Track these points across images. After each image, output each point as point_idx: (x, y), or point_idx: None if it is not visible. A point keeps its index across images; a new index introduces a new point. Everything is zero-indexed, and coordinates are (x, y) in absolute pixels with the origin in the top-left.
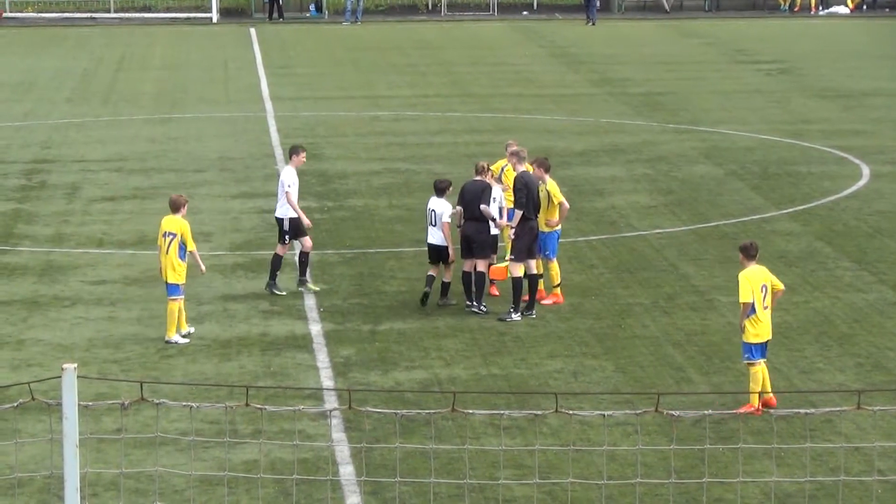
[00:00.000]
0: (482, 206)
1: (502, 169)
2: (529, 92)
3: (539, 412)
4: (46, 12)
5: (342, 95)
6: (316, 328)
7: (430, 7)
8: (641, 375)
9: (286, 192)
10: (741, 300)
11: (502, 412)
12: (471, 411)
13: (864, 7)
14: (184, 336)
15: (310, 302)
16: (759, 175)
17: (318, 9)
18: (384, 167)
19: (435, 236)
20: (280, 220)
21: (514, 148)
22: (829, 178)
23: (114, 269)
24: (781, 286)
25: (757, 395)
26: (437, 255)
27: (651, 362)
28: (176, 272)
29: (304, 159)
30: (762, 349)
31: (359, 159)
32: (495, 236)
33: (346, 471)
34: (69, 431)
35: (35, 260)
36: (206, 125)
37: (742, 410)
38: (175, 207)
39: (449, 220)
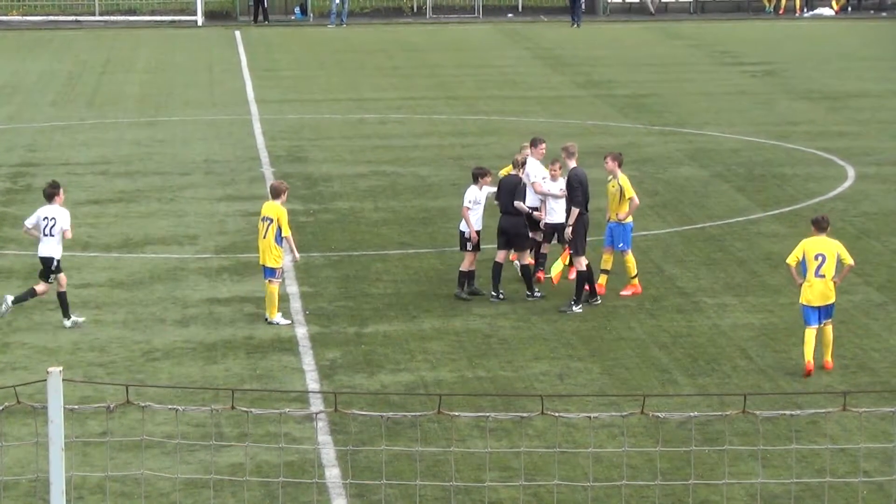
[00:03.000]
0: (516, 203)
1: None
2: (515, 94)
3: (525, 414)
4: (31, 15)
5: (327, 98)
6: (301, 331)
7: (414, 9)
8: (627, 377)
9: (532, 183)
10: (787, 261)
11: (488, 414)
12: (456, 413)
13: (849, 9)
14: (284, 320)
15: (295, 305)
16: (744, 177)
17: (303, 11)
18: (370, 170)
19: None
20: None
21: (566, 144)
22: (815, 179)
23: (99, 272)
24: (850, 261)
25: (809, 354)
26: (460, 242)
27: (637, 364)
28: (273, 256)
29: (545, 150)
30: (816, 314)
31: (344, 162)
32: (528, 229)
33: (332, 473)
34: (55, 435)
35: (20, 263)
36: (192, 128)
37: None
38: (275, 194)
39: (468, 206)
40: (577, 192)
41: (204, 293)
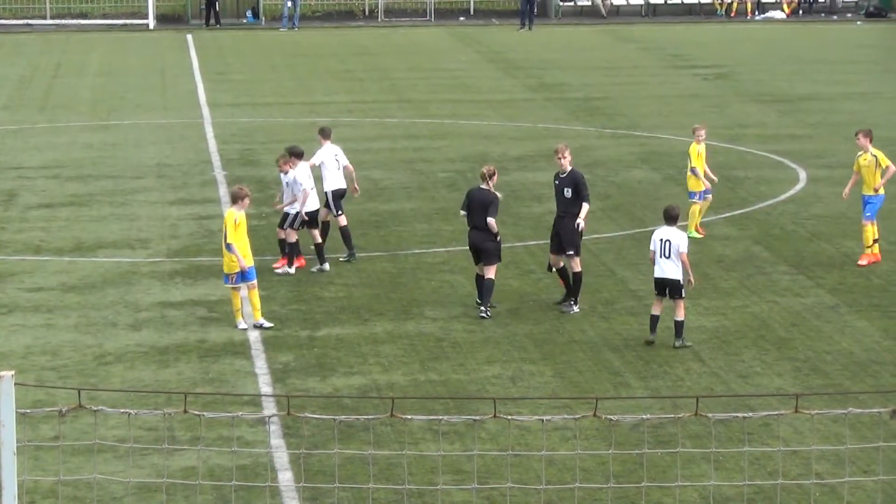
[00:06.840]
0: (489, 220)
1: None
2: (467, 97)
3: (477, 417)
4: None
5: (279, 101)
6: (254, 334)
7: (366, 13)
8: (579, 380)
9: None
10: None
11: (441, 417)
12: (409, 417)
13: (800, 12)
14: (247, 326)
15: (247, 309)
16: None
17: (255, 15)
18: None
19: (669, 269)
20: None
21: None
22: (767, 182)
23: (51, 276)
24: None
25: None
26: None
27: (589, 367)
28: (225, 261)
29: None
30: None
31: None
32: (499, 244)
33: (285, 477)
34: (6, 439)
35: None
36: (144, 132)
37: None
38: (233, 199)
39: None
40: (584, 189)
41: (156, 297)
